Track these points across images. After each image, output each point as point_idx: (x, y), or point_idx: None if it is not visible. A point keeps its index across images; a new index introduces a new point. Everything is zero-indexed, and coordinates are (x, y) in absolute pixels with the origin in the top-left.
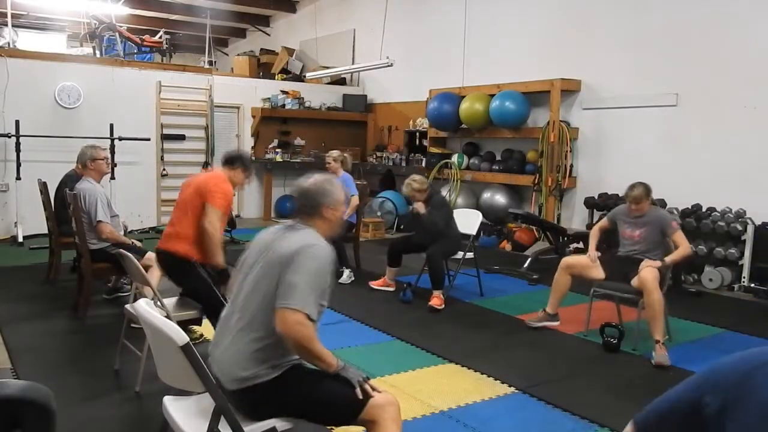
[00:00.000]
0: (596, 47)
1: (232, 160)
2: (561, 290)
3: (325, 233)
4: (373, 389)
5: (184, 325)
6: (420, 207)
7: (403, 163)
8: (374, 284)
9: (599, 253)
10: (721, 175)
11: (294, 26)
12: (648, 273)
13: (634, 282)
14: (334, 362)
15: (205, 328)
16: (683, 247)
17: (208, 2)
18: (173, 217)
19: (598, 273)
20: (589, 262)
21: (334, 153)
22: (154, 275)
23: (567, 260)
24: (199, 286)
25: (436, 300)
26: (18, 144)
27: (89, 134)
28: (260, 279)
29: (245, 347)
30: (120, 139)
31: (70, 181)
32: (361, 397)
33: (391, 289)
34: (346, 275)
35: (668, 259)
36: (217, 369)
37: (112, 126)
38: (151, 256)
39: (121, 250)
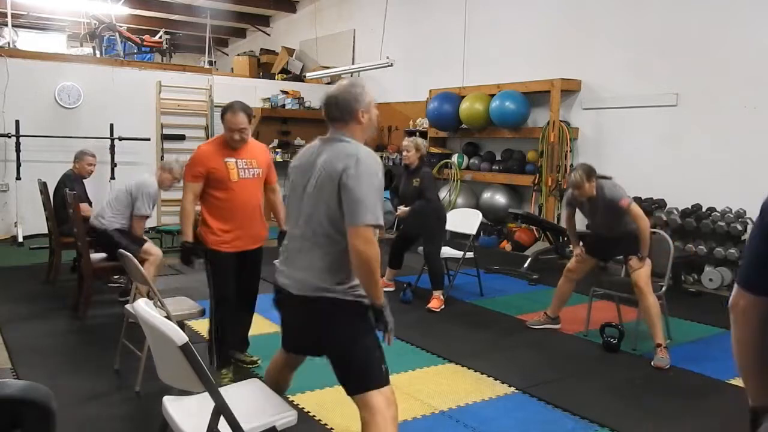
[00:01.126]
0: (596, 47)
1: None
2: (562, 297)
3: (362, 137)
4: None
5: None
6: (402, 212)
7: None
8: None
9: (582, 247)
10: (721, 175)
11: (294, 26)
12: (638, 277)
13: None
14: (383, 296)
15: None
16: (641, 224)
17: (208, 2)
18: None
19: (590, 262)
20: (580, 259)
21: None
22: (149, 271)
23: (568, 266)
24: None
25: (435, 302)
26: (18, 144)
27: (89, 134)
28: (317, 198)
29: (319, 261)
30: (120, 139)
31: (68, 180)
32: (390, 343)
33: (391, 289)
34: None
35: (642, 251)
36: (289, 281)
37: (112, 126)
38: (148, 248)
39: (121, 249)
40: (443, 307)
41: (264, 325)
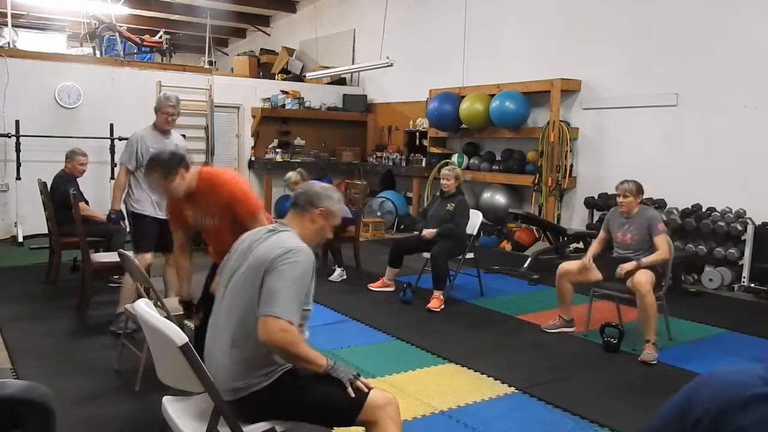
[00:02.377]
0: (596, 47)
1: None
2: (565, 297)
3: (309, 238)
4: (366, 385)
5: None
6: (429, 234)
7: (403, 163)
8: (373, 286)
9: (594, 256)
10: (721, 175)
11: (294, 26)
12: (641, 276)
13: (629, 283)
14: (324, 362)
15: None
16: (662, 251)
17: (208, 2)
18: None
19: (596, 275)
20: (583, 266)
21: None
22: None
23: (562, 268)
24: None
25: (435, 302)
26: (18, 144)
27: (89, 134)
28: (243, 284)
29: (234, 359)
30: (120, 139)
31: (62, 181)
32: (353, 395)
33: (391, 289)
34: (338, 273)
35: (644, 260)
36: (213, 378)
37: (112, 126)
38: (148, 257)
39: (121, 250)
40: (443, 306)
41: None
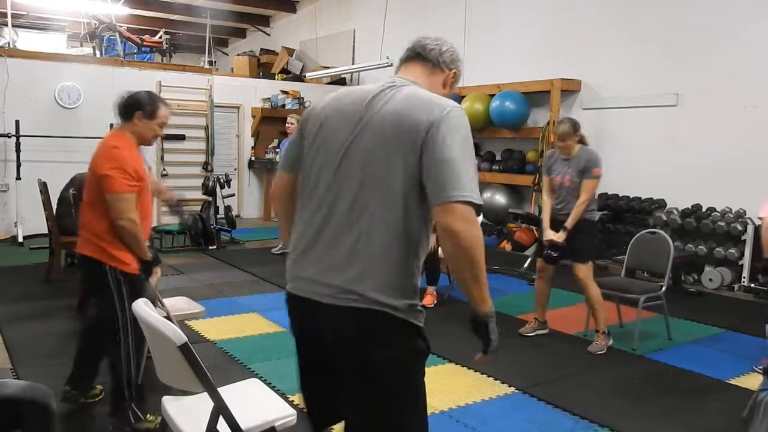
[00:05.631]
0: (596, 47)
1: (126, 109)
2: (541, 298)
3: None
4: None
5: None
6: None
7: None
8: None
9: (552, 232)
10: (721, 175)
11: (294, 26)
12: (579, 271)
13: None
14: (489, 300)
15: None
16: (581, 199)
17: (208, 2)
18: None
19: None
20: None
21: (297, 115)
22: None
23: (538, 266)
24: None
25: (429, 298)
26: (18, 144)
27: (89, 134)
28: (376, 162)
29: (388, 258)
30: None
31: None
32: (485, 359)
33: None
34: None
35: (568, 223)
36: (319, 288)
37: (112, 126)
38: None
39: None
40: (436, 302)
41: (264, 325)
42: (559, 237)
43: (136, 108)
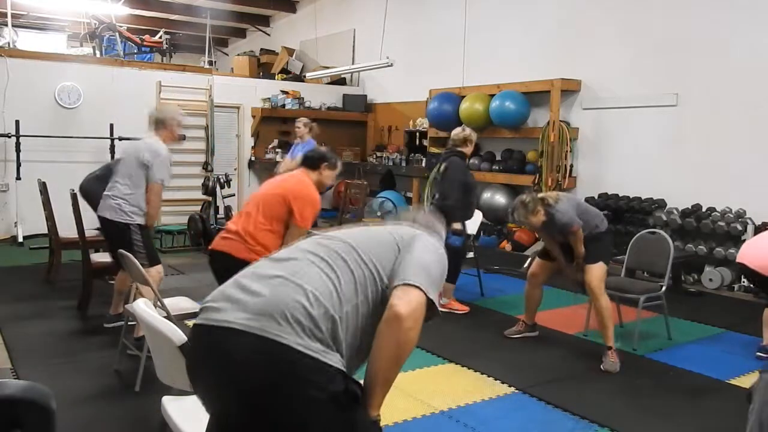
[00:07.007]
0: (596, 47)
1: (314, 161)
2: (532, 302)
3: None
4: None
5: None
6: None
7: (403, 163)
8: None
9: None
10: (721, 175)
11: (294, 26)
12: (590, 278)
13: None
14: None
15: None
16: (575, 245)
17: (208, 2)
18: (243, 217)
19: (554, 266)
20: (544, 261)
21: (304, 119)
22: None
23: (531, 271)
24: None
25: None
26: (18, 144)
27: (89, 134)
28: (374, 241)
29: (314, 307)
30: (120, 139)
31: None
32: None
33: None
34: None
35: (578, 260)
36: (238, 316)
37: (112, 126)
38: (159, 269)
39: (121, 250)
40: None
41: None
42: (579, 276)
43: (323, 161)
